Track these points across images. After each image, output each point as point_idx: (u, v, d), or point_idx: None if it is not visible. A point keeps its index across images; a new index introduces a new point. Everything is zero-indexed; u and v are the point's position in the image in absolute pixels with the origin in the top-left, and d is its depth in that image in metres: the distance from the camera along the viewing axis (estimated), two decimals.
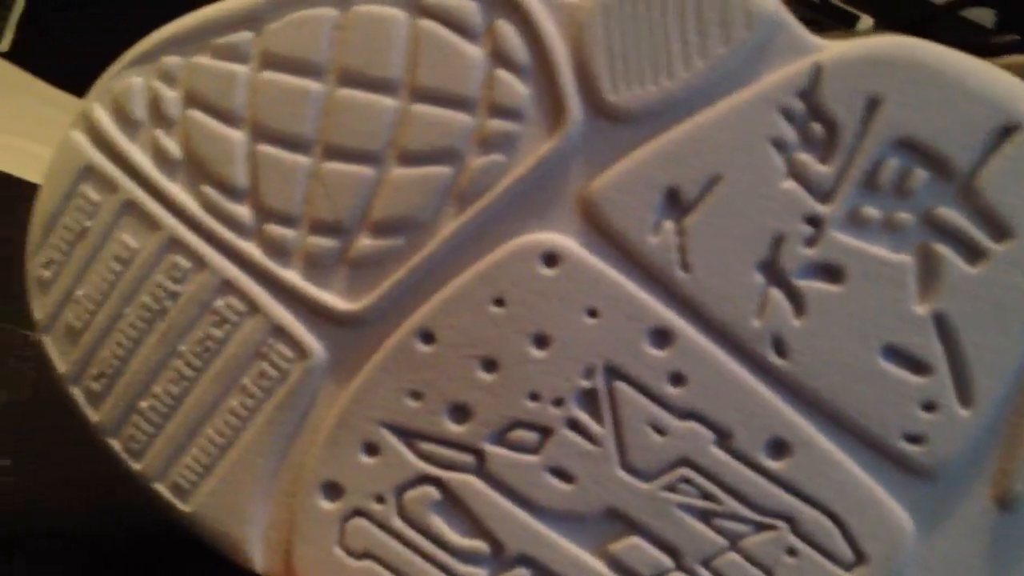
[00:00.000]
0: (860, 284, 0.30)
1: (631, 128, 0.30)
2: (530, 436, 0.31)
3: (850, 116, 0.29)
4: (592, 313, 0.30)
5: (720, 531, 0.31)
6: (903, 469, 0.30)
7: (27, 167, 0.63)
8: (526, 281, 0.31)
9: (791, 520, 0.30)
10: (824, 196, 0.29)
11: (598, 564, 0.31)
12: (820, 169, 0.29)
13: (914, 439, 0.30)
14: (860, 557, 0.30)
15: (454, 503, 0.32)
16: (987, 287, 0.29)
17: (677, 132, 0.30)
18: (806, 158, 0.29)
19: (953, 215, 0.29)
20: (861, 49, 0.29)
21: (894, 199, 0.29)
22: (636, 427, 0.31)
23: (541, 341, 0.31)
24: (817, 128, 0.29)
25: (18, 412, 0.41)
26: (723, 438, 0.30)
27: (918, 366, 0.30)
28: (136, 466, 0.33)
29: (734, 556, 0.31)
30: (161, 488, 0.33)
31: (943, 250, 0.29)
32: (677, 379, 0.30)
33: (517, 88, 0.30)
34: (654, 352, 0.30)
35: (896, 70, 0.29)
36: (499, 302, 0.31)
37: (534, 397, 0.31)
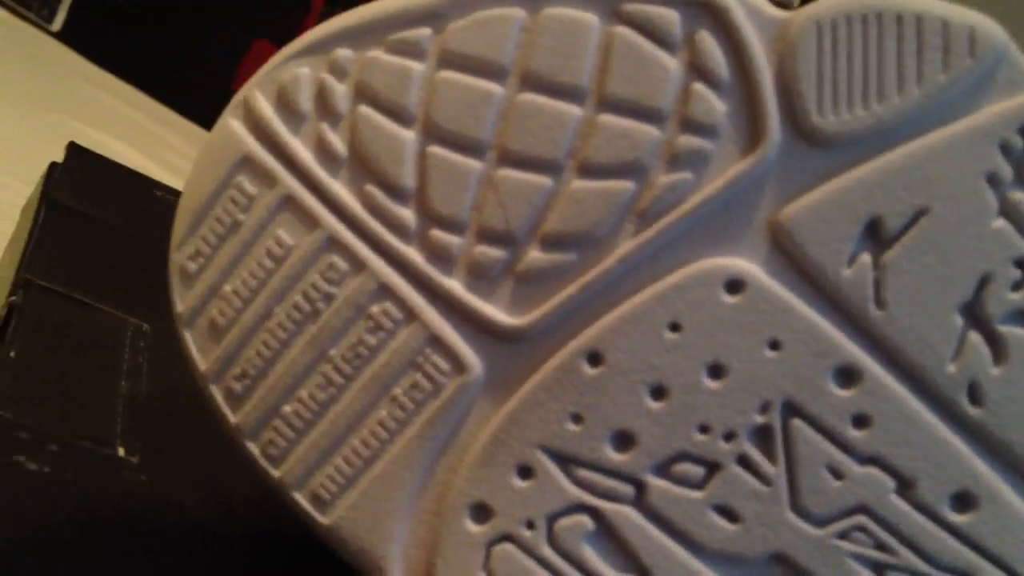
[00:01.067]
0: None
1: (833, 153, 0.28)
2: (696, 470, 0.29)
3: None
4: (774, 345, 0.28)
5: None
6: None
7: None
8: (706, 307, 0.28)
9: (971, 574, 0.28)
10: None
11: None
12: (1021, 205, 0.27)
13: None
14: None
15: (609, 535, 0.30)
16: None
17: (884, 160, 0.28)
18: (1021, 197, 0.27)
19: None
20: None
21: None
22: (812, 469, 0.28)
23: (716, 371, 0.29)
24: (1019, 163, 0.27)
25: (141, 407, 0.39)
26: (905, 487, 0.28)
27: None
28: (275, 473, 0.31)
29: None
30: (300, 497, 0.31)
31: None
32: (861, 421, 0.28)
33: (714, 104, 0.28)
34: (838, 391, 0.28)
35: None
36: (675, 327, 0.29)
37: (704, 429, 0.29)
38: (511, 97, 0.29)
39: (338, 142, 0.30)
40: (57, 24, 0.85)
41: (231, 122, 0.31)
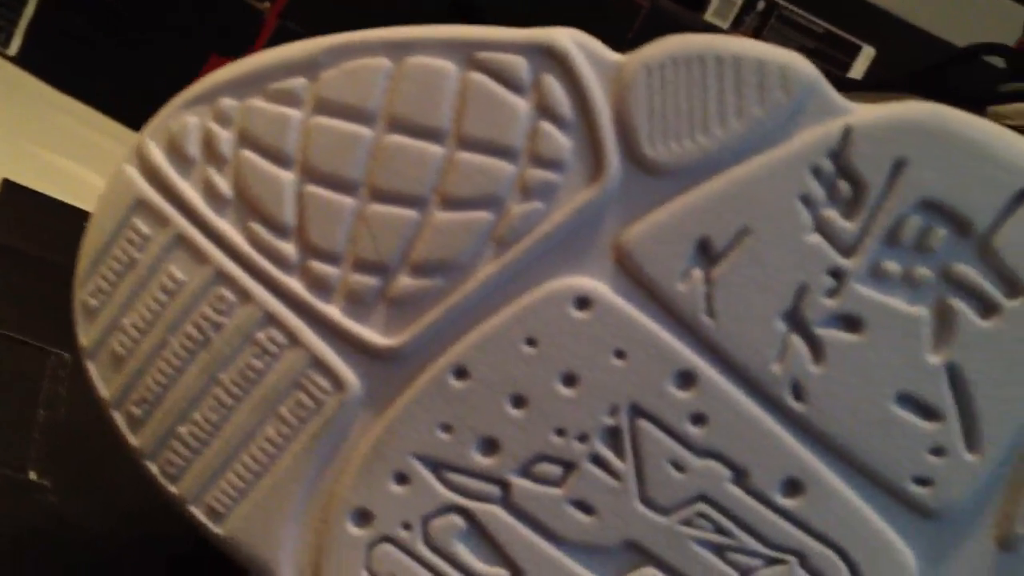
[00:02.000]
0: (878, 334, 0.30)
1: (666, 181, 0.31)
2: (555, 470, 0.32)
3: (876, 176, 0.30)
4: (620, 355, 0.31)
5: (733, 564, 0.31)
6: (910, 510, 0.31)
7: (35, 175, 0.63)
8: (558, 322, 0.31)
9: (801, 556, 0.31)
10: (847, 250, 0.30)
11: None
12: (845, 225, 0.30)
13: (922, 482, 0.31)
14: None
15: (479, 532, 0.33)
16: (999, 340, 0.30)
17: (710, 187, 0.31)
18: (832, 214, 0.30)
19: (970, 272, 0.30)
20: (890, 113, 0.30)
21: (914, 255, 0.30)
22: (656, 463, 0.31)
23: (570, 380, 0.32)
24: (844, 186, 0.31)
25: (56, 432, 0.41)
26: (740, 476, 0.31)
27: (929, 413, 0.31)
28: (172, 489, 0.33)
29: None
30: (196, 511, 0.33)
31: (959, 304, 0.30)
32: (698, 419, 0.31)
33: (560, 140, 0.31)
34: (677, 393, 0.31)
35: (923, 135, 0.30)
36: (531, 342, 0.31)
37: (560, 433, 0.32)
38: (379, 139, 0.32)
39: (224, 184, 0.33)
40: (13, 49, 0.85)
41: (127, 168, 0.34)
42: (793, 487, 0.31)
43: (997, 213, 0.30)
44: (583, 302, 0.31)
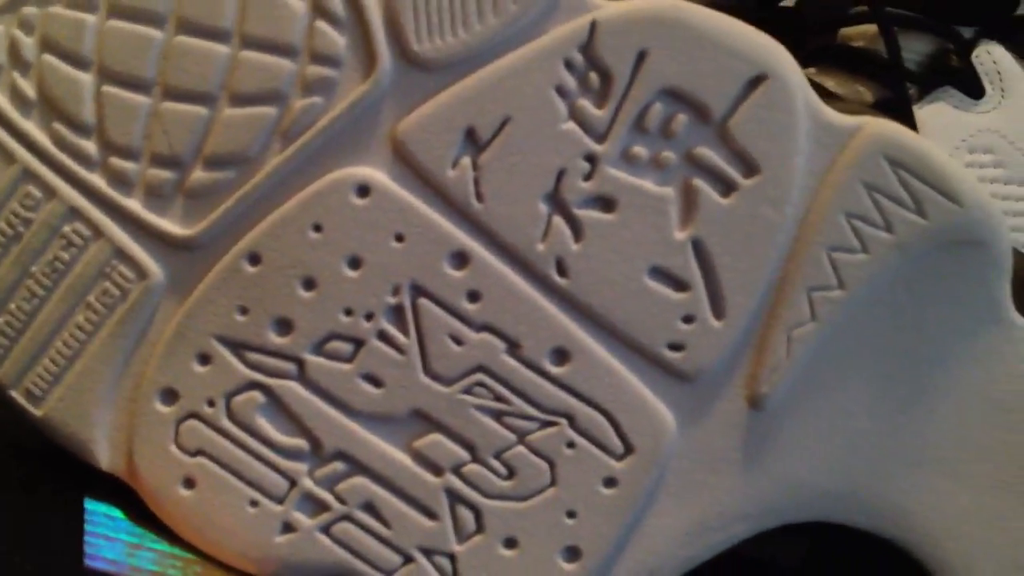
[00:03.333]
0: (630, 213, 0.32)
1: (435, 75, 0.33)
2: (345, 347, 0.34)
3: (621, 67, 0.32)
4: (399, 238, 0.33)
5: (510, 428, 0.33)
6: (667, 373, 0.33)
7: None
8: (341, 209, 0.33)
9: (570, 417, 0.33)
10: (600, 137, 0.32)
11: (405, 458, 0.34)
12: (596, 113, 0.32)
13: (675, 347, 0.33)
14: (629, 449, 0.33)
15: (278, 406, 0.35)
16: (737, 216, 0.32)
17: (473, 79, 0.33)
18: (584, 103, 0.32)
19: (709, 154, 0.32)
20: (632, 8, 0.32)
21: (660, 140, 0.32)
22: (437, 338, 0.33)
23: (355, 263, 0.33)
24: (594, 77, 0.32)
25: None
26: (513, 347, 0.33)
27: (678, 284, 0.33)
28: None
29: (522, 449, 0.33)
30: (16, 395, 0.35)
31: (701, 184, 0.32)
32: (473, 296, 0.33)
33: (334, 38, 0.33)
34: (453, 272, 0.33)
35: (662, 27, 0.32)
36: (317, 228, 0.33)
37: (348, 312, 0.33)
38: (168, 40, 0.33)
39: (28, 87, 0.34)
40: None
41: None
42: (561, 355, 0.33)
43: (731, 99, 0.32)
44: (363, 190, 0.33)
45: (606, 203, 0.32)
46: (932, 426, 0.34)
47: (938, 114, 0.47)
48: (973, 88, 0.46)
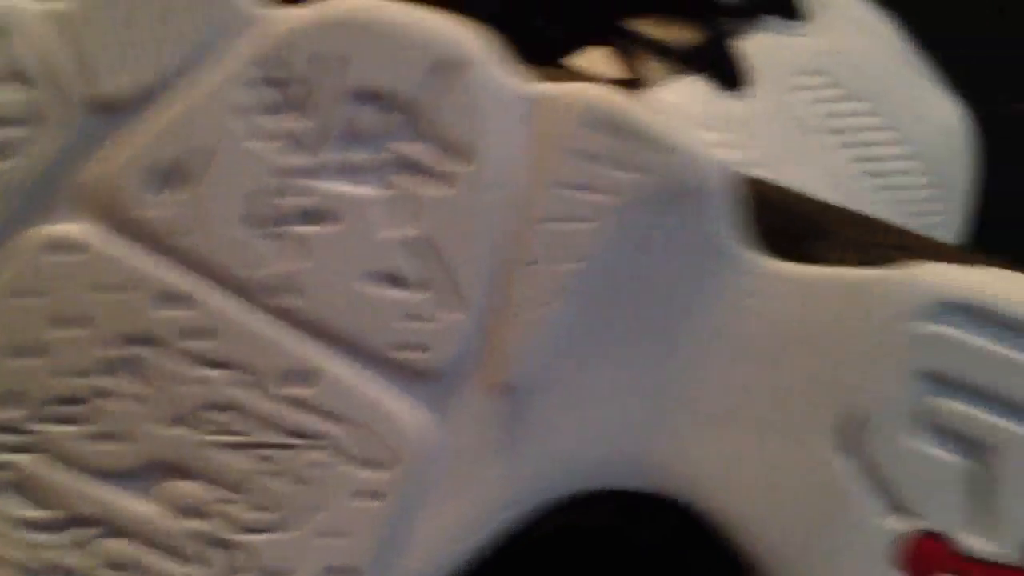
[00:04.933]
0: (343, 222, 0.31)
1: (126, 114, 0.32)
2: (74, 409, 0.32)
3: (320, 76, 0.31)
4: (108, 290, 0.31)
5: (256, 459, 0.32)
6: (414, 375, 0.32)
7: None
8: (40, 269, 0.31)
9: (323, 438, 0.32)
10: (308, 150, 0.31)
11: (151, 508, 0.33)
12: (290, 127, 0.31)
13: (415, 347, 0.32)
14: (390, 458, 0.32)
15: (24, 481, 0.33)
16: (459, 207, 0.31)
17: (164, 112, 0.31)
18: (270, 120, 0.31)
19: (421, 149, 0.31)
20: (324, 14, 0.31)
21: (360, 142, 0.31)
22: (166, 383, 0.32)
23: (66, 322, 0.32)
24: (282, 90, 0.31)
25: None
26: (247, 378, 0.32)
27: (405, 284, 0.31)
28: None
29: (273, 479, 0.33)
30: None
31: (420, 181, 0.31)
32: (198, 334, 0.31)
33: (17, 97, 0.31)
34: (172, 313, 0.31)
35: (353, 29, 0.31)
36: (18, 293, 0.31)
37: (71, 373, 0.32)
38: None
39: None
40: None
41: None
42: (301, 377, 0.32)
43: (430, 92, 0.31)
44: (62, 247, 0.31)
45: (322, 216, 0.31)
46: (688, 376, 0.33)
47: (763, 45, 0.47)
48: (790, 11, 0.46)
